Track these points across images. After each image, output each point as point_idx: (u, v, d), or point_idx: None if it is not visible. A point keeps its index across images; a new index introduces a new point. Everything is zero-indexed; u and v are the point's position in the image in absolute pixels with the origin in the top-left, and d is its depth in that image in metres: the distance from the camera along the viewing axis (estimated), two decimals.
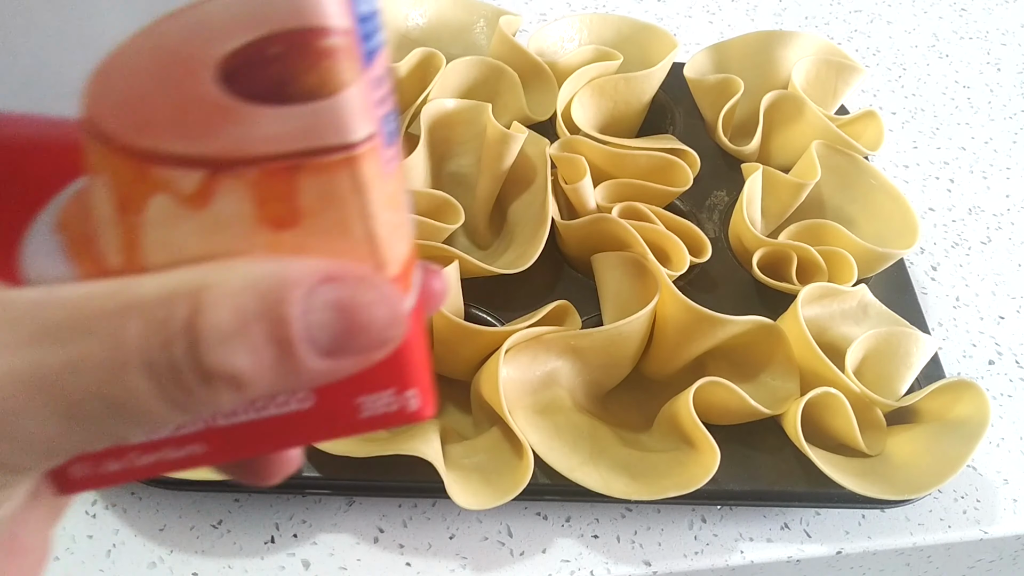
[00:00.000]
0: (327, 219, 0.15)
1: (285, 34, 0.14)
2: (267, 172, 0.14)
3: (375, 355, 0.15)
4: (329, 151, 0.14)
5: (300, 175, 0.14)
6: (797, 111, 0.54)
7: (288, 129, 0.14)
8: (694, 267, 0.48)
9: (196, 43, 0.14)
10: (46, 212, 0.15)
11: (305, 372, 0.15)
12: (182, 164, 0.14)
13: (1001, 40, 0.75)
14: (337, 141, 0.14)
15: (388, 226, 0.15)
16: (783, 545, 0.43)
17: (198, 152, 0.14)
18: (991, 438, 0.48)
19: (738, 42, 0.59)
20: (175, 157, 0.14)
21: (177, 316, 0.14)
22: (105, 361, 0.14)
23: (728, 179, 0.54)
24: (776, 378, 0.44)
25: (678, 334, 0.43)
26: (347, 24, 0.14)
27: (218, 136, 0.14)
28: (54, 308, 0.14)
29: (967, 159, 0.64)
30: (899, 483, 0.41)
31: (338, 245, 0.15)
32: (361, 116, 0.14)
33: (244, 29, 0.14)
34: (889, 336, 0.45)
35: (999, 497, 0.46)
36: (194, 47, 0.14)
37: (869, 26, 0.75)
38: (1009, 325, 0.54)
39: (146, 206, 0.15)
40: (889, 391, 0.44)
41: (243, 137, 0.14)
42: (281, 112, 0.14)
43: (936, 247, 0.58)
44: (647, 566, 0.41)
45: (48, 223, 0.15)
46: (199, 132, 0.14)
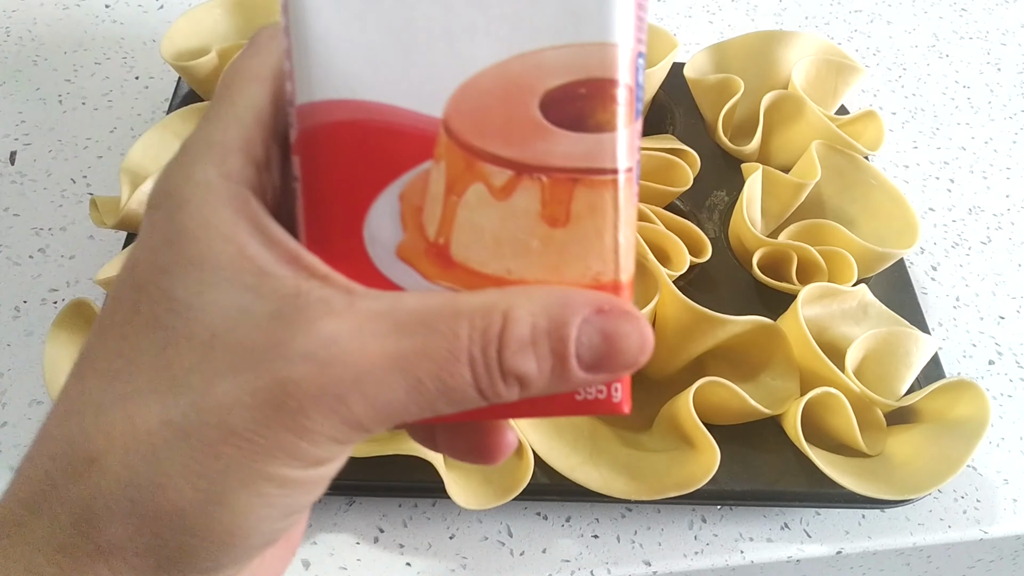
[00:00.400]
0: (589, 225, 0.19)
1: (593, 81, 0.19)
2: (555, 180, 0.19)
3: (625, 373, 0.19)
4: (602, 172, 0.19)
5: (577, 187, 0.19)
6: (797, 111, 0.54)
7: (577, 150, 0.19)
8: (694, 267, 0.48)
9: (531, 78, 0.19)
10: (398, 182, 0.19)
11: (570, 380, 0.19)
12: (499, 163, 0.19)
13: (1001, 40, 0.75)
14: (609, 166, 0.19)
15: (627, 240, 0.20)
16: (783, 545, 0.43)
17: (513, 156, 0.19)
18: (991, 438, 0.48)
19: (738, 42, 0.59)
20: (497, 157, 0.19)
21: (494, 325, 0.18)
22: (445, 351, 0.18)
23: (728, 179, 0.54)
24: (776, 378, 0.44)
25: (678, 334, 0.43)
26: (632, 84, 0.19)
27: (529, 147, 0.19)
28: (405, 310, 0.18)
29: (967, 159, 0.64)
30: (899, 483, 0.41)
31: (592, 247, 0.20)
32: (627, 152, 0.19)
33: (566, 73, 0.19)
34: (889, 336, 0.45)
35: (999, 497, 0.46)
36: (529, 80, 0.19)
37: (869, 26, 0.75)
38: (1009, 325, 0.54)
39: (466, 190, 0.19)
40: (889, 391, 0.44)
41: (545, 151, 0.19)
42: (575, 137, 0.19)
43: (936, 247, 0.58)
44: (647, 566, 0.41)
45: (396, 191, 0.19)
46: (517, 142, 0.19)
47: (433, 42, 0.19)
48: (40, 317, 0.47)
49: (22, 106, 0.58)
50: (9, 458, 0.42)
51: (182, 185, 0.19)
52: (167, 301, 0.18)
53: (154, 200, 0.20)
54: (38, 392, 0.44)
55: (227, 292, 0.18)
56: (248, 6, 0.57)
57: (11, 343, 0.46)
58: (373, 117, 0.19)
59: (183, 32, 0.54)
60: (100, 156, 0.55)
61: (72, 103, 0.58)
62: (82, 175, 0.54)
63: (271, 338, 0.18)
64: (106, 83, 0.59)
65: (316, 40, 0.19)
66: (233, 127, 0.20)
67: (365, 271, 0.20)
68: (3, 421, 0.43)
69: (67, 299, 0.42)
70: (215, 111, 0.20)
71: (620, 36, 0.19)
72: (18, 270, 0.49)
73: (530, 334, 0.18)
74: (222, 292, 0.18)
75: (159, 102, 0.59)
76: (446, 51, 0.19)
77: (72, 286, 0.48)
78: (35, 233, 0.51)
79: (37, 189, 0.53)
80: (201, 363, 0.18)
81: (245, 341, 0.18)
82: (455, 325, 0.18)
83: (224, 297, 0.18)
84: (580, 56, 0.19)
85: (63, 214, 0.52)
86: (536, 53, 0.19)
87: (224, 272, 0.18)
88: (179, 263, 0.18)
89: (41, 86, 0.59)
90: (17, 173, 0.54)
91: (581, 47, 0.19)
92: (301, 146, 0.19)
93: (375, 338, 0.18)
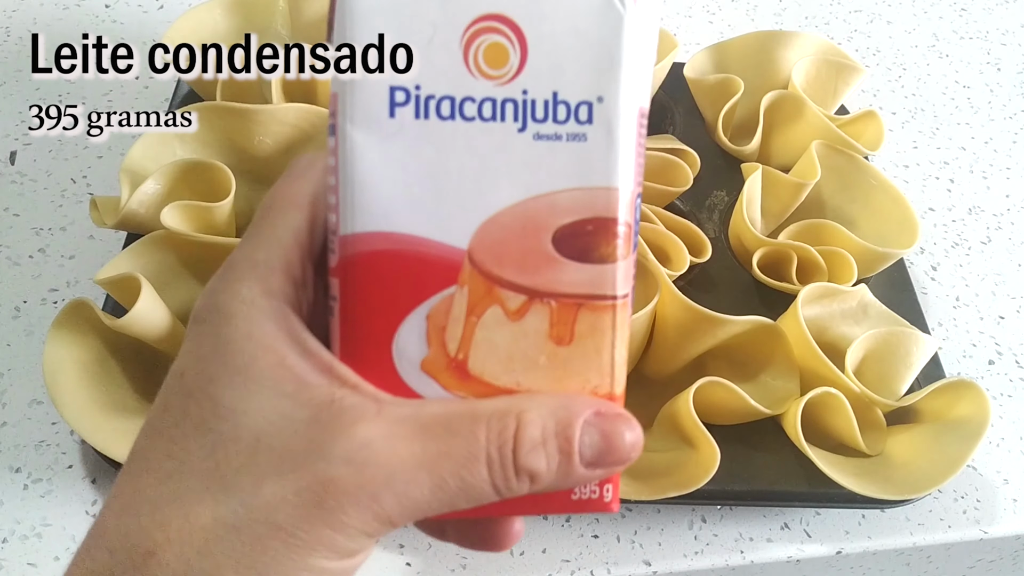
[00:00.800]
0: (590, 344, 0.22)
1: (598, 220, 0.22)
2: (563, 304, 0.22)
3: (619, 468, 0.22)
4: (603, 298, 0.22)
5: (581, 310, 0.22)
6: (797, 111, 0.54)
7: (583, 279, 0.22)
8: (694, 267, 0.48)
9: (545, 215, 0.22)
10: (426, 304, 0.22)
11: (573, 475, 0.21)
12: (515, 289, 0.22)
13: (1001, 40, 0.75)
14: (610, 293, 0.22)
15: (622, 357, 0.23)
16: (783, 545, 0.43)
17: (527, 283, 0.22)
18: (991, 438, 0.48)
19: (738, 42, 0.59)
20: (513, 284, 0.22)
21: (509, 428, 0.21)
22: (465, 452, 0.20)
23: (728, 179, 0.54)
24: (776, 378, 0.44)
25: (678, 334, 0.43)
26: (631, 221, 0.22)
27: (541, 275, 0.22)
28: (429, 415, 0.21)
29: (967, 159, 0.64)
30: (899, 483, 0.41)
31: (592, 363, 0.23)
32: (625, 280, 0.22)
33: (575, 212, 0.22)
34: (889, 336, 0.45)
35: (999, 497, 0.46)
36: (544, 218, 0.22)
37: (869, 26, 0.75)
38: (1009, 325, 0.54)
39: (485, 312, 0.22)
40: (889, 391, 0.44)
41: (555, 279, 0.22)
42: (581, 267, 0.22)
43: (936, 247, 0.58)
44: (647, 566, 0.41)
45: (424, 312, 0.22)
46: (531, 271, 0.22)
47: (463, 184, 0.22)
48: (40, 317, 0.47)
49: (22, 106, 0.58)
50: (9, 458, 0.42)
51: (229, 301, 0.21)
52: (214, 407, 0.21)
53: (201, 314, 0.22)
54: (38, 392, 0.44)
55: (269, 399, 0.20)
56: (248, 6, 0.57)
57: (11, 343, 0.46)
58: (407, 247, 0.22)
59: (183, 32, 0.54)
60: (100, 156, 0.55)
61: (71, 102, 0.58)
62: (82, 175, 0.54)
63: (311, 442, 0.20)
64: (106, 83, 0.59)
65: (362, 181, 0.21)
66: (275, 248, 0.22)
67: (391, 382, 0.22)
68: (3, 421, 0.43)
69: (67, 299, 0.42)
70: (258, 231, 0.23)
71: (622, 182, 0.22)
72: (18, 270, 0.49)
73: (541, 435, 0.21)
74: (265, 399, 0.20)
75: (159, 102, 0.59)
76: (474, 192, 0.22)
77: (72, 286, 0.48)
78: (35, 233, 0.51)
79: (37, 189, 0.53)
80: (248, 464, 0.20)
81: (288, 444, 0.20)
82: (474, 428, 0.21)
83: (267, 403, 0.20)
84: (588, 198, 0.22)
85: (63, 214, 0.52)
86: (550, 195, 0.22)
87: (266, 381, 0.21)
88: (225, 372, 0.21)
89: (41, 86, 0.59)
90: (17, 173, 0.54)
91: (589, 190, 0.22)
92: (342, 270, 0.22)
93: (403, 441, 0.20)
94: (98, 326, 0.41)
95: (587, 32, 0.21)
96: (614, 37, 0.21)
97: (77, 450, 0.42)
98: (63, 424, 0.42)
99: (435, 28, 0.21)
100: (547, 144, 0.22)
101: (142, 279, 0.39)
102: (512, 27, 0.21)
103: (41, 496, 0.41)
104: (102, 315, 0.40)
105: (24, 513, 0.40)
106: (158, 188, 0.45)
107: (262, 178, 0.51)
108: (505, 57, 0.21)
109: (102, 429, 0.39)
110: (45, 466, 0.42)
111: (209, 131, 0.48)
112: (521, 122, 0.22)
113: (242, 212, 0.50)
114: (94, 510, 0.40)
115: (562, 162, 0.22)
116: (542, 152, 0.22)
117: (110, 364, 0.41)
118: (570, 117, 0.22)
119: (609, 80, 0.22)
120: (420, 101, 0.21)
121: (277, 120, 0.49)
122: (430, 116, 0.21)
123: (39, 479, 0.41)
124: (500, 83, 0.21)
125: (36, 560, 0.39)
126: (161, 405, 0.22)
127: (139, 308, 0.39)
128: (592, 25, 0.21)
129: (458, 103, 0.21)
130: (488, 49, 0.21)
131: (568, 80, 0.22)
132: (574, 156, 0.22)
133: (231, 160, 0.49)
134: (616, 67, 0.22)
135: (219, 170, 0.46)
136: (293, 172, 0.24)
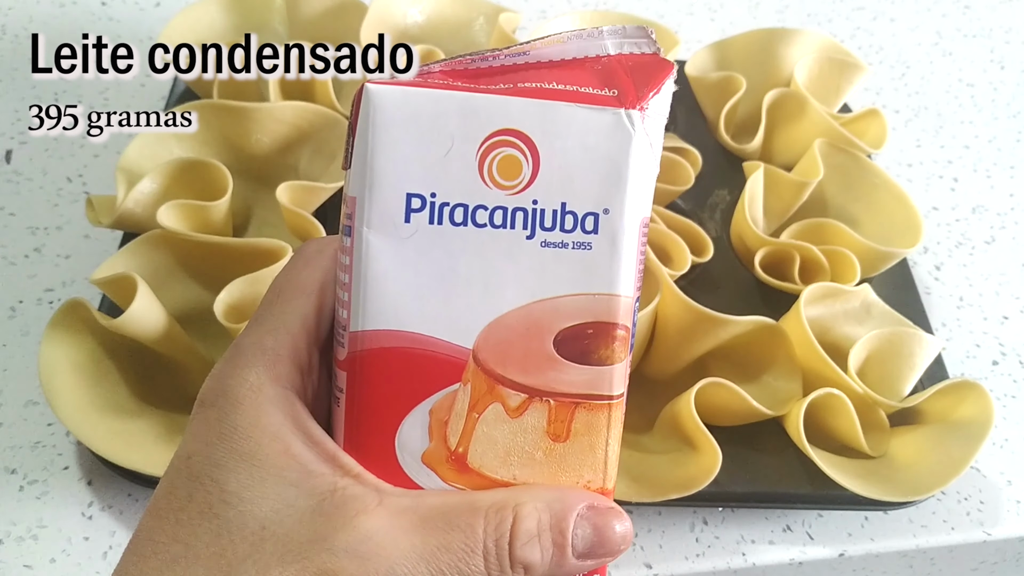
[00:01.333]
0: (585, 441, 0.23)
1: (599, 324, 0.23)
2: (561, 403, 0.23)
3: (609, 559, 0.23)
4: (600, 398, 0.23)
5: (578, 409, 0.23)
6: (799, 109, 0.54)
7: (581, 380, 0.23)
8: (696, 267, 0.48)
9: (548, 319, 0.23)
10: (430, 399, 0.23)
11: (565, 567, 0.22)
12: (516, 388, 0.23)
13: (1005, 38, 0.75)
14: (607, 392, 0.23)
15: (614, 453, 0.24)
16: (785, 547, 0.43)
17: (528, 383, 0.23)
18: (995, 439, 0.48)
19: (740, 40, 0.58)
20: (515, 383, 0.23)
21: (506, 521, 0.21)
22: (464, 545, 0.21)
23: (730, 178, 0.54)
24: (778, 379, 0.43)
25: (679, 334, 0.42)
26: (630, 325, 0.23)
27: (542, 376, 0.23)
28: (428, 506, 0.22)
29: (971, 158, 0.64)
30: (902, 485, 0.41)
31: (587, 459, 0.24)
32: (621, 380, 0.24)
33: (577, 316, 0.23)
34: (892, 336, 0.44)
35: (1003, 499, 0.46)
36: (546, 321, 0.23)
37: (872, 24, 0.74)
38: (1013, 325, 0.53)
39: (486, 409, 0.23)
40: (892, 392, 0.44)
41: (555, 379, 0.23)
42: (580, 369, 0.23)
43: (940, 246, 0.57)
44: (648, 568, 0.41)
45: (427, 407, 0.23)
46: (532, 371, 0.23)
47: (471, 287, 0.23)
48: (36, 317, 0.47)
49: (18, 104, 0.57)
50: (4, 460, 0.41)
51: (237, 387, 0.22)
52: (220, 492, 0.21)
53: (208, 398, 0.22)
54: (34, 393, 0.43)
55: (274, 486, 0.21)
56: (245, 3, 0.57)
57: (6, 343, 0.45)
58: (414, 345, 0.23)
59: (179, 30, 0.53)
60: (96, 155, 0.55)
61: (68, 101, 0.58)
62: (78, 174, 0.54)
63: (315, 532, 0.21)
64: (103, 81, 0.59)
65: (375, 281, 0.22)
66: (283, 335, 0.23)
67: (393, 472, 0.23)
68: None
69: (63, 299, 0.42)
70: (267, 316, 0.23)
71: (624, 288, 0.23)
72: (13, 270, 0.49)
73: (536, 527, 0.22)
74: (269, 486, 0.21)
75: (156, 100, 0.58)
76: (481, 295, 0.23)
77: (68, 286, 0.48)
78: (31, 232, 0.51)
79: (33, 188, 0.53)
80: (253, 553, 0.20)
81: (292, 534, 0.21)
82: (473, 521, 0.21)
83: (271, 491, 0.21)
84: (590, 303, 0.23)
85: (59, 213, 0.52)
86: (554, 299, 0.23)
87: (272, 468, 0.21)
88: (231, 458, 0.21)
89: (37, 84, 0.58)
90: (12, 172, 0.54)
91: (592, 296, 0.23)
92: (350, 364, 0.23)
93: (405, 534, 0.21)
94: (94, 326, 0.40)
95: (596, 149, 0.22)
96: (622, 155, 0.23)
97: (73, 451, 0.42)
98: (59, 425, 0.42)
99: (453, 140, 0.22)
100: (553, 251, 0.23)
101: (138, 279, 0.39)
102: (526, 142, 0.22)
103: (37, 498, 0.40)
104: (98, 315, 0.40)
105: (20, 515, 0.40)
106: (154, 187, 0.45)
107: (259, 177, 0.50)
108: (518, 169, 0.22)
109: (98, 430, 0.39)
110: (41, 467, 0.41)
111: (206, 129, 0.48)
112: (530, 230, 0.23)
113: (239, 211, 0.50)
114: (90, 512, 0.40)
115: (567, 269, 0.23)
116: (548, 259, 0.23)
117: (106, 364, 0.41)
118: (577, 227, 0.23)
119: (615, 194, 0.23)
120: (435, 208, 0.22)
121: (274, 118, 0.49)
122: (443, 222, 0.22)
123: (35, 480, 0.41)
124: (512, 193, 0.22)
125: (32, 562, 0.38)
126: (167, 487, 0.22)
127: (135, 308, 0.38)
128: (602, 142, 0.22)
129: (471, 211, 0.22)
130: (502, 161, 0.22)
131: (576, 192, 0.23)
132: (579, 263, 0.23)
133: (228, 158, 0.48)
134: (623, 182, 0.23)
135: (216, 169, 0.46)
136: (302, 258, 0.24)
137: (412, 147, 0.22)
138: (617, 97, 0.23)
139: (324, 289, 0.24)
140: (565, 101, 0.22)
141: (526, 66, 0.24)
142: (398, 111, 0.22)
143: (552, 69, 0.23)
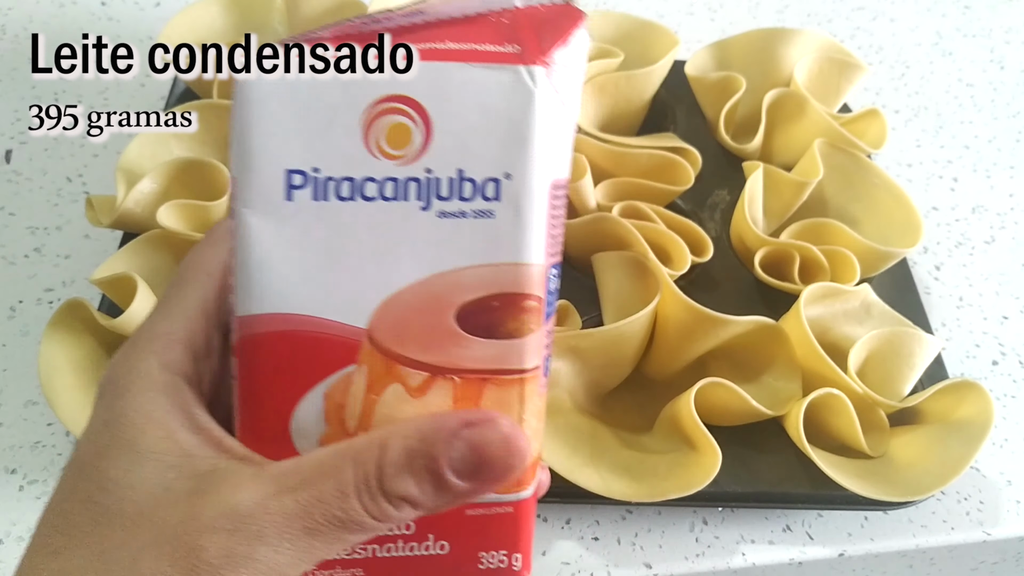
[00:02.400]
0: None
1: (505, 295, 0.22)
2: (467, 380, 0.22)
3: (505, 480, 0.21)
4: (509, 372, 0.22)
5: (487, 385, 0.22)
6: (799, 109, 0.53)
7: (488, 355, 0.22)
8: (695, 267, 0.47)
9: (449, 293, 0.21)
10: (324, 383, 0.22)
11: (454, 492, 0.20)
12: (416, 367, 0.22)
13: (1005, 38, 0.75)
14: (516, 367, 0.22)
15: (532, 429, 0.23)
16: (785, 547, 0.43)
17: (429, 360, 0.22)
18: (995, 439, 0.48)
19: (740, 39, 0.58)
20: (414, 361, 0.22)
21: (373, 456, 0.20)
22: (335, 491, 0.20)
23: (730, 178, 0.54)
24: (778, 379, 0.43)
25: (679, 334, 0.42)
26: (542, 295, 0.22)
27: (444, 352, 0.22)
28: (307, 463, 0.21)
29: (970, 158, 0.64)
30: (902, 485, 0.41)
31: None
32: (534, 353, 0.22)
33: (481, 288, 0.22)
34: (892, 336, 0.44)
35: (1003, 499, 0.46)
36: (447, 295, 0.22)
37: (872, 23, 0.74)
38: (1013, 325, 0.53)
39: (384, 390, 0.22)
40: (892, 392, 0.44)
41: (459, 356, 0.22)
42: (486, 343, 0.22)
43: (939, 246, 0.57)
44: (648, 568, 0.41)
45: (322, 391, 0.22)
46: (433, 348, 0.22)
47: (362, 264, 0.21)
48: (36, 317, 0.47)
49: (18, 104, 0.57)
50: (4, 460, 0.41)
51: (124, 376, 0.22)
52: (101, 480, 0.21)
53: (101, 388, 0.22)
54: (33, 393, 0.43)
55: (154, 471, 0.21)
56: (244, 3, 0.57)
57: (6, 343, 0.45)
58: (305, 328, 0.22)
59: (179, 30, 0.53)
60: (96, 155, 0.55)
61: (68, 101, 0.58)
62: (78, 174, 0.54)
63: (188, 512, 0.20)
64: (102, 81, 0.59)
65: (257, 264, 0.21)
66: (179, 320, 0.23)
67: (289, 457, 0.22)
68: None
69: (63, 299, 0.42)
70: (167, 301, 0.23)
71: (533, 256, 0.22)
72: (13, 270, 0.49)
73: (404, 457, 0.20)
74: (149, 471, 0.21)
75: (155, 100, 0.58)
76: (373, 271, 0.21)
77: (68, 286, 0.48)
78: (31, 232, 0.51)
79: (33, 188, 0.53)
80: (128, 539, 0.20)
81: (166, 516, 0.20)
82: (341, 463, 0.20)
83: (151, 476, 0.21)
84: (495, 274, 0.22)
85: (59, 213, 0.52)
86: (454, 272, 0.22)
87: (153, 454, 0.21)
88: (114, 445, 0.21)
89: (37, 84, 0.58)
90: (12, 172, 0.54)
91: (496, 267, 0.22)
92: (239, 351, 0.22)
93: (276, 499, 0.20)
94: (94, 326, 0.40)
95: (495, 110, 0.21)
96: (523, 114, 0.21)
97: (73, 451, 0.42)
98: (59, 425, 0.42)
99: (335, 111, 0.21)
100: (452, 222, 0.21)
101: (138, 279, 0.39)
102: (416, 107, 0.21)
103: (37, 498, 0.40)
104: (98, 315, 0.40)
105: (20, 515, 0.40)
106: (154, 187, 0.45)
107: None
108: (408, 137, 0.21)
109: None
110: (41, 467, 0.41)
111: (206, 129, 0.48)
112: (425, 200, 0.21)
113: None
114: None
115: (468, 239, 0.21)
116: (447, 230, 0.21)
117: (106, 364, 0.41)
118: (476, 195, 0.21)
119: (517, 156, 0.21)
120: (319, 183, 0.21)
121: None
122: (329, 198, 0.21)
123: (35, 480, 0.41)
124: (402, 163, 0.21)
125: None
126: (60, 480, 0.22)
127: (135, 308, 0.38)
128: (500, 102, 0.21)
129: (358, 184, 0.21)
130: (391, 130, 0.21)
131: (474, 158, 0.21)
132: (480, 233, 0.21)
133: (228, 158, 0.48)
134: (524, 143, 0.21)
135: (216, 168, 0.46)
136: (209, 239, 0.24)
137: (290, 121, 0.21)
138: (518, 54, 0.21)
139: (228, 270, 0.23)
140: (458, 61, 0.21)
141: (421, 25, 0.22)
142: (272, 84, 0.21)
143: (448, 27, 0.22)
